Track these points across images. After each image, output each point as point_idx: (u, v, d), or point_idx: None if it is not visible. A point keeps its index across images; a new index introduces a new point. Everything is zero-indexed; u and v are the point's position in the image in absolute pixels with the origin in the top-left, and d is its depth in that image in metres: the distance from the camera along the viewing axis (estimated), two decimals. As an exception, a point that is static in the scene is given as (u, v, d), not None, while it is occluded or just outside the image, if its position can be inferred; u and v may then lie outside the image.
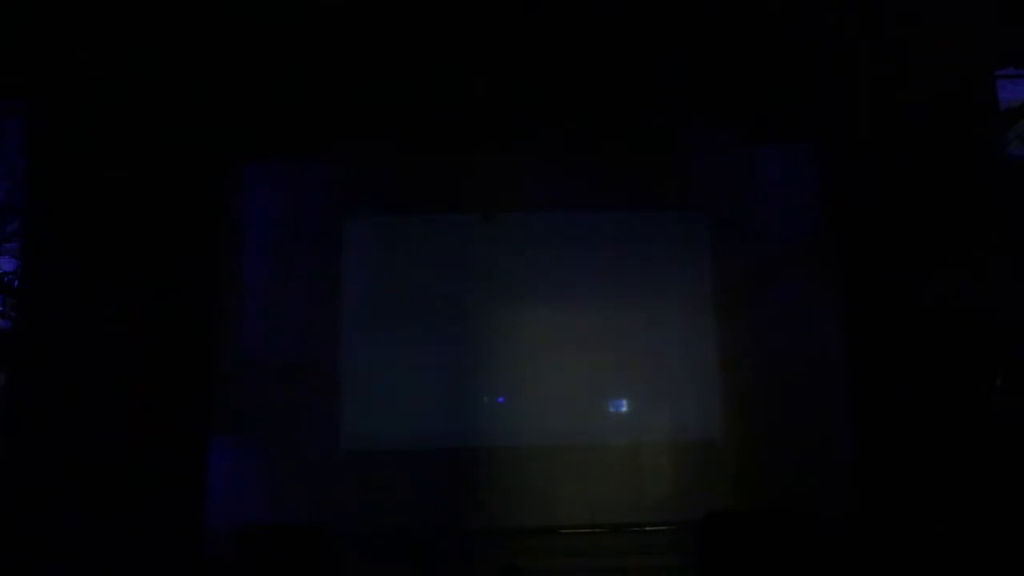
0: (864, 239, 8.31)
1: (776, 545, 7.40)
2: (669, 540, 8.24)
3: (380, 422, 9.07)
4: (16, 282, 8.36)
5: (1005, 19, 7.67)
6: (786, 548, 7.21)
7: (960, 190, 7.82)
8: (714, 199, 9.74)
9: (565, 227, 9.79)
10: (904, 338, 7.88)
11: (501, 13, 7.74)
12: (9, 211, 8.40)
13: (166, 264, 8.14)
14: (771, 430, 8.70)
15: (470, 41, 7.99)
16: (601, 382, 9.48)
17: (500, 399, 9.60)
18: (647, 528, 8.56)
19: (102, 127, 8.08)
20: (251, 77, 8.33)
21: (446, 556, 7.68)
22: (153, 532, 7.27)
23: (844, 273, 8.64)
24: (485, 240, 9.71)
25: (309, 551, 7.63)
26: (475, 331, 9.57)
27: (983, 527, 6.78)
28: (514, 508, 8.68)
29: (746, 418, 8.91)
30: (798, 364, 8.85)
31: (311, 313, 9.41)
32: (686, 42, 8.04)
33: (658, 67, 8.32)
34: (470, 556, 7.73)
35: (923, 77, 7.71)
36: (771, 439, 8.69)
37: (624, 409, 9.54)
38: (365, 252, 9.78)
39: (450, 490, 8.87)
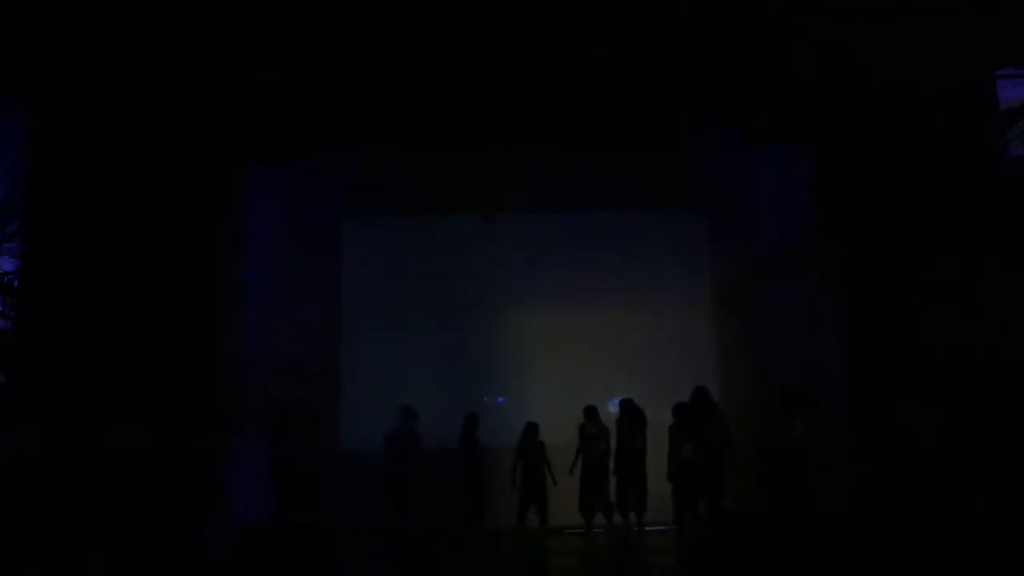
0: (863, 239, 8.31)
1: (776, 545, 7.41)
2: (669, 540, 8.24)
3: (380, 422, 9.06)
4: (16, 282, 8.35)
5: (1005, 19, 7.67)
6: (786, 548, 7.22)
7: (960, 190, 7.82)
8: (714, 199, 9.75)
9: (565, 228, 9.82)
10: (902, 337, 7.88)
11: (502, 15, 7.75)
12: (9, 211, 8.39)
13: (167, 265, 8.14)
14: (771, 430, 8.69)
15: (471, 44, 8.00)
16: (601, 382, 9.47)
17: (500, 399, 9.61)
18: (647, 528, 8.55)
19: (102, 127, 8.09)
20: (253, 78, 8.34)
21: (446, 556, 7.67)
22: (153, 532, 7.26)
23: (843, 273, 8.63)
24: (485, 241, 9.72)
25: (308, 551, 7.63)
26: (475, 331, 9.58)
27: (982, 527, 6.78)
28: (514, 508, 8.67)
29: (745, 418, 8.90)
30: (797, 364, 8.84)
31: (312, 313, 9.42)
32: (686, 44, 8.05)
33: (658, 68, 8.34)
34: (470, 556, 7.72)
35: (923, 77, 7.72)
36: (771, 439, 8.68)
37: (624, 409, 9.52)
38: (365, 252, 9.79)
39: (451, 490, 8.86)
